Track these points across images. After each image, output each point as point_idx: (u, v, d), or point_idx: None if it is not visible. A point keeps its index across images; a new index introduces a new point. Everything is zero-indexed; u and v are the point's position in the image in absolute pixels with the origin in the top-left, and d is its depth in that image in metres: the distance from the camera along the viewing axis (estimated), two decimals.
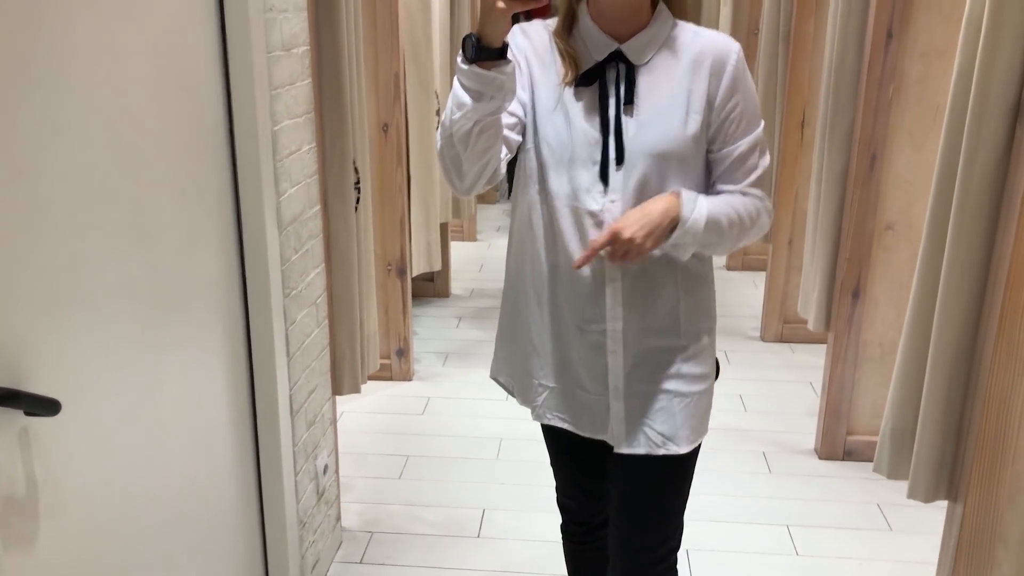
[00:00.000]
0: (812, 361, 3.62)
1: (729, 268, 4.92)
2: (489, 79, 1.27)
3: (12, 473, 1.13)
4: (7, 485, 1.11)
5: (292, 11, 1.96)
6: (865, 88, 2.57)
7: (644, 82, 1.41)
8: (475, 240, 5.41)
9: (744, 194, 1.46)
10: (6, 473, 1.11)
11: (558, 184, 1.43)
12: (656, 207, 1.36)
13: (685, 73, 1.40)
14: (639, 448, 1.51)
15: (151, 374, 1.47)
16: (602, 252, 1.38)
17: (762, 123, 1.47)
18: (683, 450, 1.51)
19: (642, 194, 1.40)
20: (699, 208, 1.39)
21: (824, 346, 3.02)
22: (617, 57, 1.40)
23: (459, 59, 1.29)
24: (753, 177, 1.46)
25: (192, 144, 1.60)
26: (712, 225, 1.40)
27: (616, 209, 1.40)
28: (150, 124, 1.44)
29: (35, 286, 1.15)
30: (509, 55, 1.30)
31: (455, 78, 1.32)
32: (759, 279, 4.50)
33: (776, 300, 3.84)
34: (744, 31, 4.26)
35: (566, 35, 1.43)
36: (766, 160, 1.48)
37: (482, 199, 6.09)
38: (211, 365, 1.71)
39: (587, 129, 1.40)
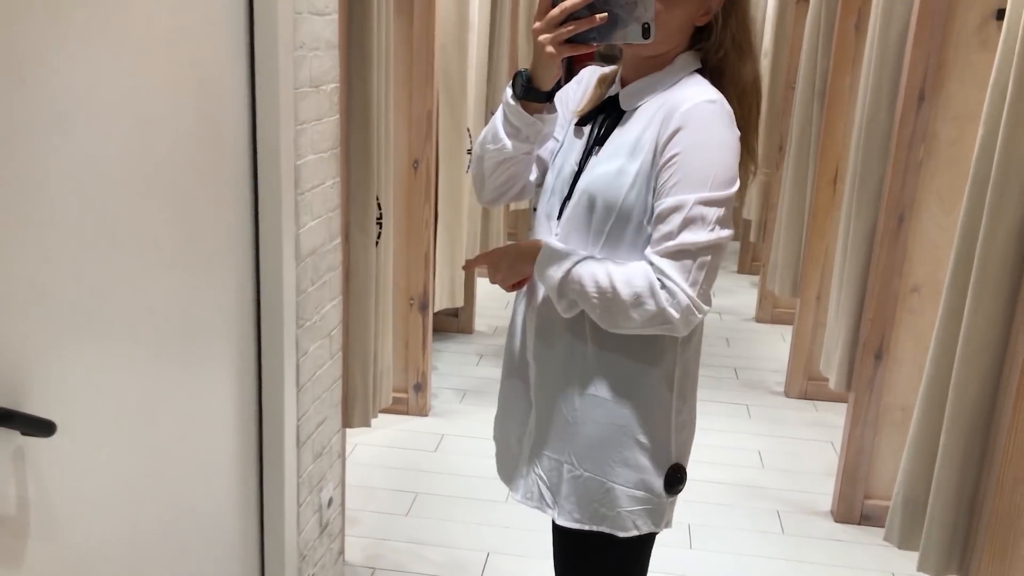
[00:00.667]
0: (835, 420, 3.55)
1: (758, 320, 4.87)
2: (529, 122, 1.34)
3: (4, 492, 1.14)
4: None
5: (323, 49, 2.00)
6: (895, 148, 2.55)
7: (624, 127, 1.37)
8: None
9: (650, 264, 1.28)
10: None
11: (538, 214, 1.48)
12: (522, 246, 1.41)
13: (647, 120, 1.34)
14: (530, 498, 1.48)
15: (155, 399, 1.49)
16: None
17: (708, 194, 1.26)
18: (562, 522, 1.43)
19: (578, 231, 1.37)
20: (558, 263, 1.33)
21: (846, 405, 2.97)
22: (613, 101, 1.41)
23: (507, 92, 1.34)
24: (666, 246, 1.27)
25: (213, 173, 1.63)
26: (568, 282, 1.32)
27: (553, 237, 1.42)
28: (171, 150, 1.47)
29: (38, 307, 1.18)
30: (563, 98, 1.39)
31: (499, 108, 1.37)
32: (787, 333, 4.44)
33: (802, 356, 3.79)
34: (781, 86, 4.26)
35: (610, 80, 1.46)
36: (696, 237, 1.25)
37: (512, 237, 6.11)
38: (219, 392, 1.73)
39: (568, 164, 1.43)
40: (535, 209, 1.50)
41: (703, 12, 1.33)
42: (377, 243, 2.37)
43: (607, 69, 1.49)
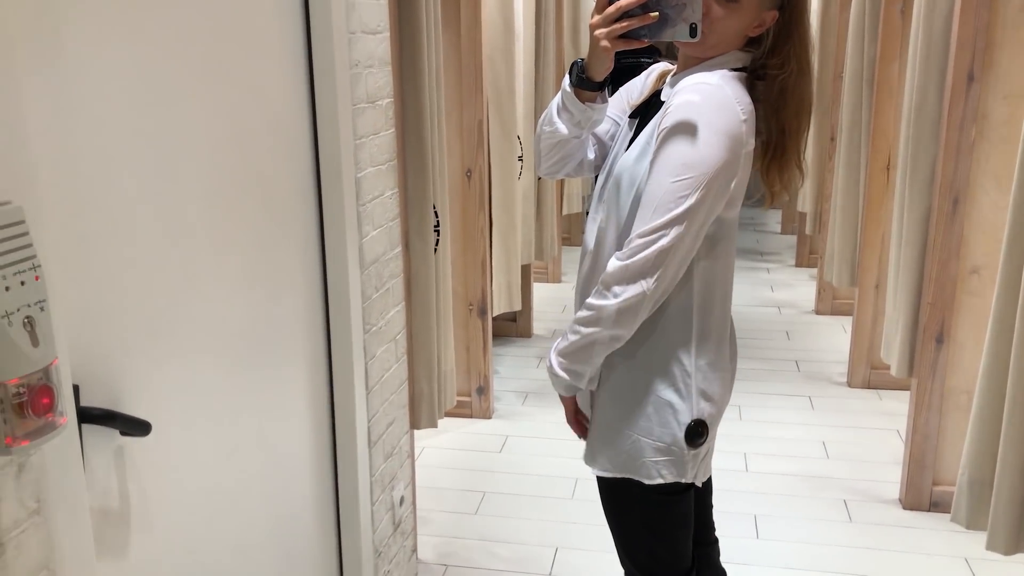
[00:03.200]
0: (900, 408, 3.52)
1: (818, 312, 4.84)
2: (581, 109, 1.47)
3: (108, 487, 1.24)
4: (103, 498, 1.23)
5: (377, 66, 2.10)
6: (946, 130, 2.55)
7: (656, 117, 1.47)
8: (559, 281, 5.48)
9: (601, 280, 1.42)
10: (103, 487, 1.23)
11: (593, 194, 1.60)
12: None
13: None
14: (589, 461, 1.61)
15: (237, 401, 1.59)
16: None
17: (679, 190, 1.34)
18: (598, 471, 1.58)
19: (608, 209, 1.49)
20: (557, 376, 1.51)
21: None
22: (659, 95, 1.52)
23: (565, 80, 1.48)
24: (631, 241, 1.38)
25: (281, 189, 1.73)
26: (570, 360, 1.48)
27: (599, 215, 1.52)
28: (241, 169, 1.57)
29: (132, 316, 1.28)
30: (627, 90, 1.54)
31: (557, 94, 1.52)
32: (848, 324, 4.41)
33: (863, 345, 3.76)
34: (830, 76, 4.25)
35: (661, 79, 1.56)
36: (664, 239, 1.35)
37: (567, 241, 6.17)
38: (294, 395, 1.82)
39: (617, 151, 1.55)
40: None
41: (756, 24, 1.41)
42: (436, 250, 2.45)
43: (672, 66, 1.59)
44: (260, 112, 1.63)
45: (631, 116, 1.56)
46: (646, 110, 1.52)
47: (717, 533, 1.82)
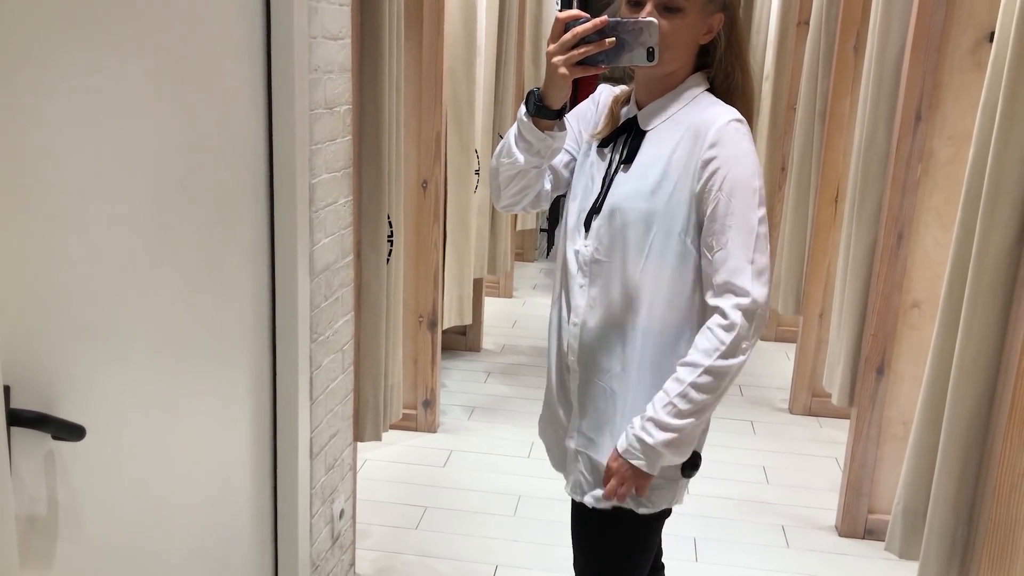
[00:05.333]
0: (839, 436, 3.58)
1: (762, 339, 4.91)
2: (540, 138, 1.46)
3: (36, 494, 1.20)
4: (30, 505, 1.18)
5: (337, 72, 2.08)
6: (894, 167, 2.61)
7: (646, 145, 1.51)
8: (511, 296, 5.48)
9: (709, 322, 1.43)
10: (30, 493, 1.18)
11: (568, 227, 1.59)
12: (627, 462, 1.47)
13: (675, 139, 1.47)
14: (576, 494, 1.62)
15: (176, 407, 1.54)
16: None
17: (754, 210, 1.42)
18: (592, 503, 1.57)
19: (612, 242, 1.50)
20: (640, 436, 1.45)
21: None
22: (633, 122, 1.53)
23: (521, 109, 1.47)
24: (721, 262, 1.41)
25: (232, 191, 1.69)
26: (685, 439, 1.45)
27: (588, 252, 1.53)
28: (191, 169, 1.54)
29: (69, 316, 1.24)
30: (581, 116, 1.56)
31: (514, 124, 1.51)
32: (792, 351, 4.48)
33: (805, 373, 3.83)
34: (784, 106, 4.33)
35: (622, 101, 1.58)
36: (761, 258, 1.41)
37: (520, 257, 6.17)
38: (235, 403, 1.78)
39: (594, 182, 1.55)
40: (566, 222, 1.62)
41: (706, 31, 1.46)
42: (388, 261, 2.43)
43: (618, 89, 1.61)
44: (213, 113, 1.60)
45: (600, 145, 1.56)
46: (615, 137, 1.54)
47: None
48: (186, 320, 1.55)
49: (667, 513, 1.61)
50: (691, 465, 1.54)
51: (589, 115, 1.63)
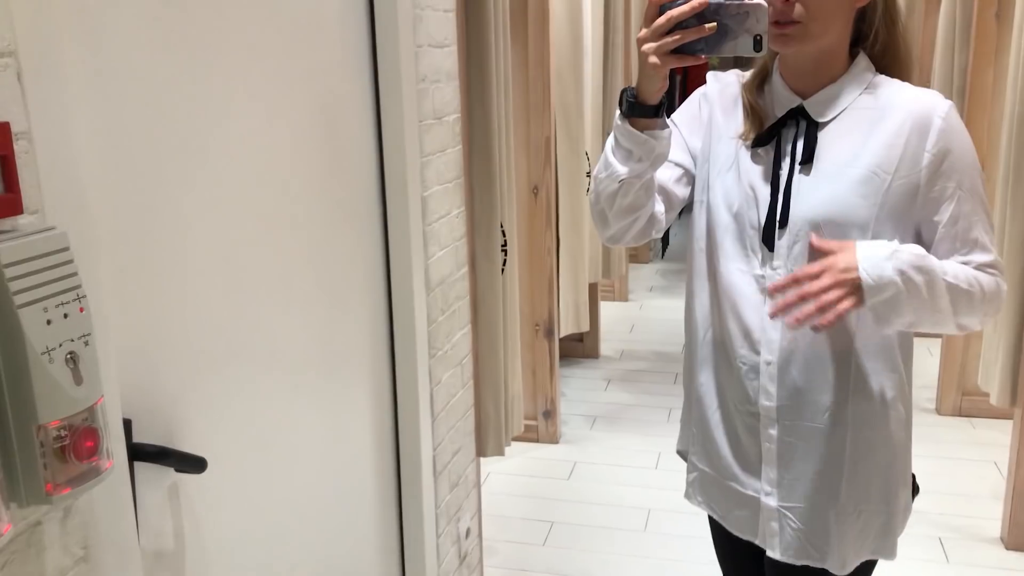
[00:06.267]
0: (997, 438, 3.29)
1: None
2: (640, 140, 1.24)
3: (161, 528, 1.17)
4: (156, 540, 1.16)
5: (445, 81, 2.02)
6: None
7: (827, 141, 1.28)
8: (626, 300, 5.34)
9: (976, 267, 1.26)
10: (155, 528, 1.16)
11: (726, 246, 1.34)
12: (846, 254, 1.19)
13: (876, 131, 1.26)
14: (789, 556, 1.36)
15: (296, 431, 1.51)
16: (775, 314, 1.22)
17: (982, 186, 1.28)
18: (837, 571, 1.35)
19: (814, 260, 1.23)
20: (897, 258, 1.18)
21: (1010, 421, 2.74)
22: (798, 114, 1.30)
23: (617, 113, 1.26)
24: (980, 253, 1.26)
25: (345, 207, 1.66)
26: (921, 281, 1.19)
27: (780, 276, 1.29)
28: (304, 186, 1.50)
29: (186, 343, 1.21)
30: (690, 113, 1.36)
31: (609, 135, 1.29)
32: (934, 346, 4.17)
33: (953, 370, 3.54)
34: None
35: (756, 89, 1.36)
36: (984, 225, 1.27)
37: (634, 258, 6.03)
38: (357, 424, 1.74)
39: (758, 189, 1.31)
40: (707, 250, 1.38)
41: None
42: (503, 270, 2.36)
43: (745, 75, 1.40)
44: (324, 128, 1.56)
45: (755, 145, 1.32)
46: (775, 133, 1.31)
47: None
48: (303, 342, 1.52)
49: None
50: (915, 486, 1.40)
51: (697, 118, 1.41)
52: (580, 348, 4.37)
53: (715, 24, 1.15)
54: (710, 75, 1.44)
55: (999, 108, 3.14)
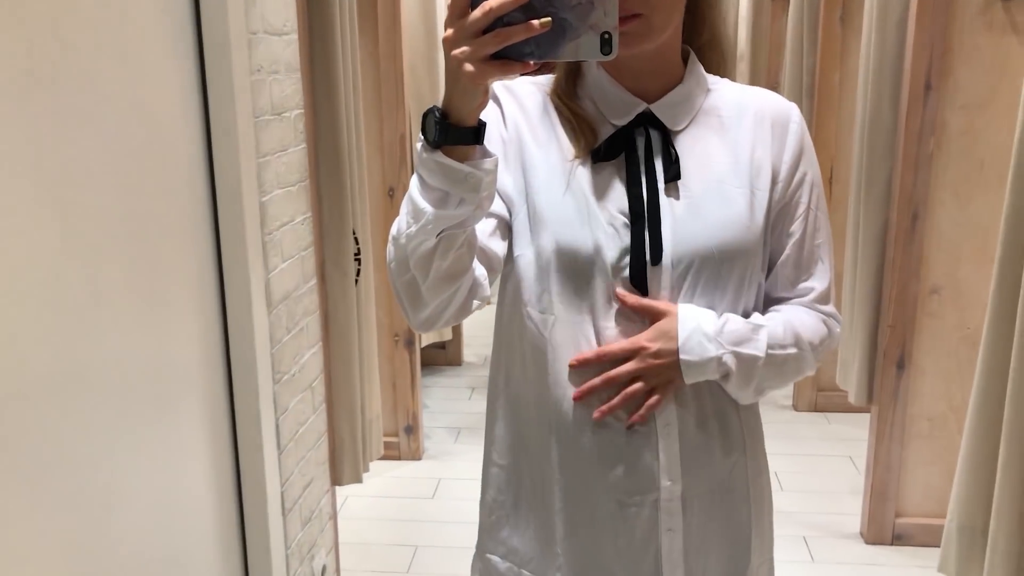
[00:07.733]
0: (851, 433, 3.38)
1: None
2: (459, 176, 0.89)
3: None
4: None
5: (284, 72, 1.81)
6: (903, 142, 2.40)
7: (683, 152, 1.05)
8: (491, 303, 5.21)
9: (809, 309, 1.11)
10: None
11: (571, 298, 1.04)
12: (662, 332, 1.02)
13: (735, 139, 1.06)
14: None
15: (116, 476, 1.28)
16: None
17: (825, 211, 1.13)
18: None
19: (698, 299, 1.04)
20: (748, 340, 1.04)
21: (864, 416, 2.79)
22: (646, 121, 1.05)
23: (418, 145, 0.90)
24: (817, 286, 1.10)
25: (168, 216, 1.43)
26: (747, 358, 1.04)
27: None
28: (120, 194, 1.27)
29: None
30: (495, 139, 1.01)
31: (413, 174, 0.93)
32: None
33: None
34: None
35: (573, 94, 1.07)
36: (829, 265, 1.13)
37: None
38: (191, 460, 1.51)
39: (612, 219, 1.02)
40: (538, 309, 1.08)
41: None
42: (357, 281, 2.17)
43: (541, 80, 1.10)
44: (139, 128, 1.33)
45: (595, 160, 1.04)
46: (618, 148, 1.04)
47: None
48: (122, 372, 1.28)
49: None
50: None
51: (519, 136, 1.06)
52: (443, 356, 4.21)
53: (549, 19, 0.84)
54: (497, 87, 1.09)
55: (847, 109, 3.22)
